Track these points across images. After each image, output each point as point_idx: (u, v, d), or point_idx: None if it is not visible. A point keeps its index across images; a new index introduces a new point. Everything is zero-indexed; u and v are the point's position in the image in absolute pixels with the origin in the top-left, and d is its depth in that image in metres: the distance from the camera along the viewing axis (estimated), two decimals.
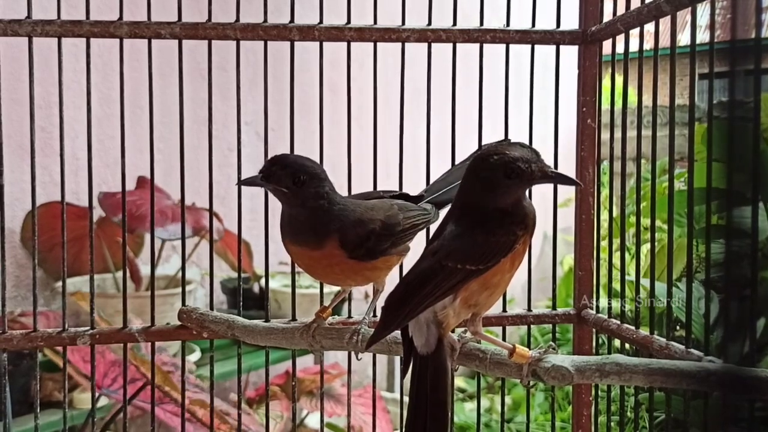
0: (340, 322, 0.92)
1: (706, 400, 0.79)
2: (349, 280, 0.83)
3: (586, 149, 1.03)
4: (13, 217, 1.71)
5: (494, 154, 0.70)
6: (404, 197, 0.89)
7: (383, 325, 0.69)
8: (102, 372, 1.40)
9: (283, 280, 2.10)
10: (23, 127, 0.92)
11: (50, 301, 1.85)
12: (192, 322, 0.93)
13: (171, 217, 1.62)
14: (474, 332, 0.74)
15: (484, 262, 0.68)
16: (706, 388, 0.64)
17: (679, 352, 0.79)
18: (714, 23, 0.76)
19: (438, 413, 0.68)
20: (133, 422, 1.78)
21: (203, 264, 2.14)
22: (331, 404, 1.80)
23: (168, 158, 1.07)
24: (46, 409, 1.50)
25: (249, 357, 1.85)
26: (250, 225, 1.06)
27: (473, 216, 0.71)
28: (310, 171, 0.78)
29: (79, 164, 1.76)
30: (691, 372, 0.64)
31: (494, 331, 1.12)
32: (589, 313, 1.01)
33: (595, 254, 1.03)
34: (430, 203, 0.88)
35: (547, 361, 0.69)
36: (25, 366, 1.51)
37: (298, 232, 0.79)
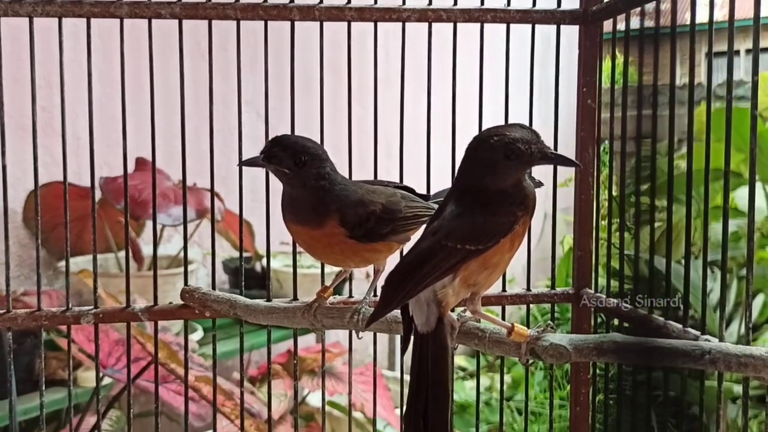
0: (341, 301, 0.93)
1: (702, 378, 0.80)
2: (349, 261, 0.84)
3: (586, 129, 1.03)
4: (14, 197, 1.72)
5: (494, 135, 0.70)
6: (410, 191, 0.89)
7: (383, 304, 0.70)
8: (106, 351, 1.42)
9: (285, 260, 2.11)
10: (24, 107, 0.93)
11: (53, 280, 1.86)
12: (194, 302, 0.93)
13: (173, 198, 1.63)
14: (473, 311, 0.75)
15: (484, 242, 0.69)
16: (701, 366, 0.64)
17: (677, 331, 0.80)
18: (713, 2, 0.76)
19: (439, 391, 0.69)
20: (137, 400, 1.80)
21: (205, 244, 2.15)
22: (332, 382, 1.82)
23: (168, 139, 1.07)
24: (50, 387, 1.52)
25: (251, 336, 1.87)
26: (252, 205, 1.07)
27: (473, 196, 0.71)
28: (311, 152, 0.78)
29: (80, 144, 1.76)
30: (686, 351, 0.64)
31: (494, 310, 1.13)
32: (587, 292, 1.02)
33: (594, 234, 1.03)
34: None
35: (545, 340, 0.69)
36: (29, 345, 1.52)
37: (299, 212, 0.80)
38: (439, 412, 0.69)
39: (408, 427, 0.70)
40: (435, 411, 0.69)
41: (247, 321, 0.92)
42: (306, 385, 1.86)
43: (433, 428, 0.68)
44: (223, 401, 1.28)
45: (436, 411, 0.69)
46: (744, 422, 0.73)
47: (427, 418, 0.69)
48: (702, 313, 0.79)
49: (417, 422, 0.69)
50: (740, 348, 0.63)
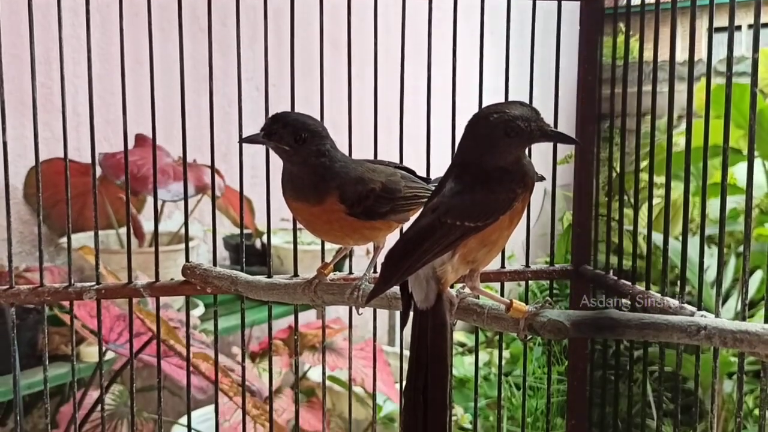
0: (342, 278, 0.93)
1: (698, 354, 0.81)
2: (348, 238, 0.84)
3: (587, 106, 1.03)
4: (15, 174, 1.72)
5: (494, 113, 0.70)
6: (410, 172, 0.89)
7: (383, 281, 0.70)
8: (108, 326, 1.43)
9: (285, 237, 2.12)
10: (23, 83, 0.92)
11: (54, 256, 1.87)
12: (196, 278, 0.94)
13: (172, 175, 1.63)
14: (472, 288, 0.75)
15: (483, 219, 0.69)
16: (697, 342, 0.65)
17: (673, 307, 0.80)
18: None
19: (438, 366, 0.70)
20: (139, 374, 1.81)
21: (206, 220, 2.15)
22: (332, 358, 1.83)
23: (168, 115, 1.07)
24: (53, 362, 1.53)
25: (252, 312, 1.88)
26: (252, 182, 1.07)
27: (473, 174, 0.71)
28: (311, 129, 0.78)
29: (80, 120, 1.75)
30: (682, 326, 0.65)
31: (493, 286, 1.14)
32: (586, 269, 1.03)
33: (593, 211, 1.03)
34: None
35: (543, 316, 0.70)
36: (31, 320, 1.53)
37: (298, 189, 0.80)
38: (438, 387, 0.70)
39: (408, 402, 0.71)
40: (434, 386, 0.70)
41: (248, 297, 0.93)
42: (307, 361, 1.87)
43: (433, 403, 0.69)
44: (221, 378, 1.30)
45: (435, 386, 0.70)
46: (739, 397, 0.74)
47: (427, 392, 0.70)
48: (698, 290, 0.80)
49: (416, 397, 0.70)
50: (736, 324, 0.64)
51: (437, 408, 0.69)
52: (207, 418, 1.95)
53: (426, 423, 0.69)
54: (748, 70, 0.72)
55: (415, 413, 0.70)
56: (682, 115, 0.81)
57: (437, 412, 0.69)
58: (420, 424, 0.69)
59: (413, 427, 0.70)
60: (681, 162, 0.81)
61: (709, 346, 0.68)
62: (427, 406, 0.69)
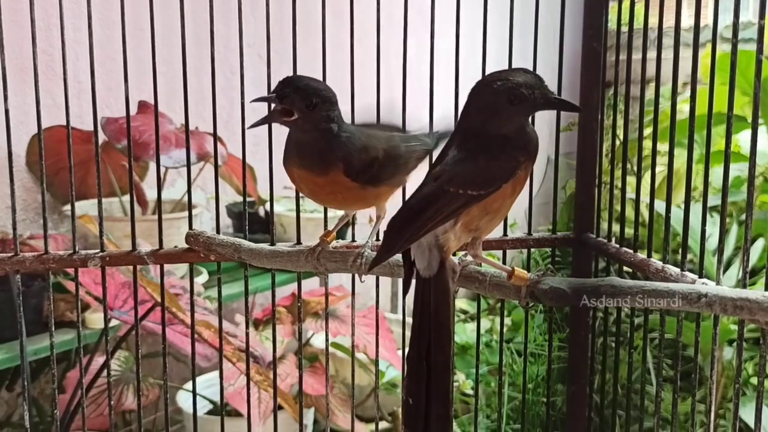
0: (345, 246, 0.94)
1: (698, 321, 0.81)
2: (352, 205, 0.85)
3: (591, 73, 1.02)
4: (17, 141, 1.71)
5: (497, 80, 0.70)
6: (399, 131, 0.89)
7: (385, 248, 0.71)
8: (112, 293, 1.44)
9: (288, 205, 2.12)
10: (24, 50, 0.92)
11: (58, 224, 1.87)
12: (199, 246, 0.94)
13: (174, 142, 1.62)
14: (474, 255, 0.76)
15: (486, 188, 0.69)
16: (698, 309, 0.65)
17: (674, 275, 0.80)
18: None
19: (440, 333, 0.71)
20: (144, 341, 1.83)
21: (208, 188, 2.15)
22: (335, 325, 1.84)
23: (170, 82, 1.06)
24: (58, 329, 1.55)
25: (255, 279, 1.89)
26: (254, 149, 1.07)
27: (476, 141, 0.71)
28: (322, 95, 0.78)
29: (81, 87, 1.75)
30: (683, 294, 0.65)
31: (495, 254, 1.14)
32: (588, 237, 1.03)
33: (596, 179, 1.03)
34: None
35: (544, 283, 0.70)
36: (36, 287, 1.54)
37: (303, 157, 0.80)
38: (440, 353, 0.70)
39: (410, 368, 0.72)
40: (437, 352, 0.70)
41: (252, 264, 0.94)
42: (310, 327, 1.89)
43: (436, 368, 0.70)
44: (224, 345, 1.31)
45: (438, 352, 0.70)
46: (738, 364, 0.75)
47: (430, 358, 0.70)
48: (700, 258, 0.80)
49: (419, 363, 0.71)
50: (736, 291, 0.64)
51: (440, 373, 0.70)
52: (212, 383, 1.98)
53: (429, 388, 0.70)
54: (754, 37, 0.71)
55: (418, 379, 0.71)
56: (686, 82, 0.80)
57: (440, 378, 0.70)
58: (423, 390, 0.70)
59: (416, 392, 0.71)
60: (685, 130, 0.81)
61: (710, 314, 0.69)
62: (430, 371, 0.70)
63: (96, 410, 1.60)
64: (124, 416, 1.94)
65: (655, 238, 0.88)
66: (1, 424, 1.75)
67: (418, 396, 0.70)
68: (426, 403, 0.70)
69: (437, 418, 0.70)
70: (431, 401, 0.70)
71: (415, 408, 0.71)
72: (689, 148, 0.79)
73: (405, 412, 0.72)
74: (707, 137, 0.77)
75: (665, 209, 0.85)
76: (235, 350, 1.26)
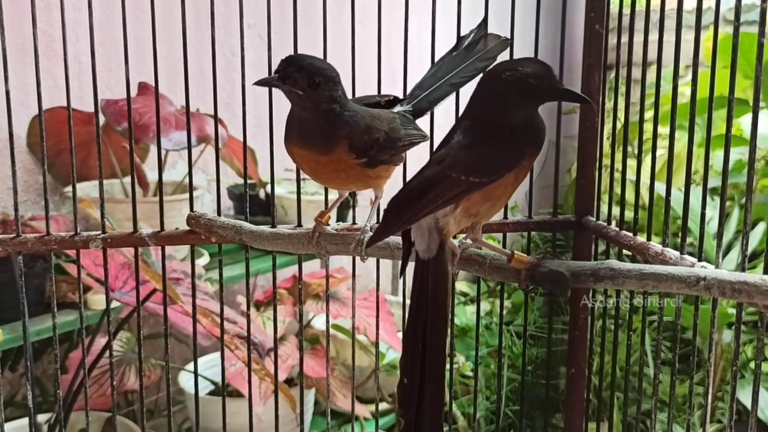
0: (345, 228, 0.94)
1: (697, 304, 0.81)
2: (352, 186, 0.85)
3: (593, 55, 1.02)
4: (18, 122, 1.71)
5: (506, 70, 0.70)
6: (396, 100, 0.89)
7: (384, 228, 0.71)
8: (113, 275, 1.44)
9: (289, 187, 2.12)
10: (24, 30, 0.92)
11: (59, 205, 1.88)
12: (200, 227, 0.95)
13: (174, 124, 1.62)
14: (474, 239, 0.76)
15: (488, 176, 0.69)
16: (696, 292, 0.66)
17: (674, 258, 0.81)
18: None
19: (437, 314, 0.71)
20: (145, 322, 1.84)
21: (209, 170, 2.15)
22: (336, 307, 1.85)
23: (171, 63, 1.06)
24: (60, 310, 1.55)
25: (256, 261, 1.89)
26: (255, 131, 1.07)
27: (482, 129, 0.71)
28: (325, 74, 0.77)
29: (82, 68, 1.74)
30: (681, 277, 0.66)
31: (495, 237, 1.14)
32: (589, 220, 1.03)
33: (597, 162, 1.03)
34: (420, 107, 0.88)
35: (544, 266, 0.71)
36: (38, 268, 1.55)
37: (306, 136, 0.80)
38: (436, 335, 0.71)
39: (406, 349, 0.72)
40: (432, 333, 0.71)
41: (253, 247, 0.94)
42: (311, 309, 1.89)
43: (430, 350, 0.71)
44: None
45: (433, 333, 0.71)
46: (736, 346, 0.75)
47: (426, 339, 0.71)
48: (699, 241, 0.80)
49: (415, 344, 0.71)
50: (735, 274, 0.64)
51: (435, 354, 0.71)
52: (213, 364, 1.99)
53: (424, 368, 0.71)
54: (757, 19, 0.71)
55: (413, 359, 0.71)
56: (688, 65, 0.80)
57: (435, 359, 0.71)
58: (418, 370, 0.71)
59: (411, 372, 0.71)
60: (686, 113, 0.81)
61: (709, 297, 0.69)
62: (425, 352, 0.71)
63: (98, 390, 1.61)
64: (126, 396, 1.96)
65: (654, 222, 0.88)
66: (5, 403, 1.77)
67: (413, 376, 0.71)
68: (420, 383, 0.71)
69: (430, 398, 0.71)
70: (425, 381, 0.71)
71: (410, 388, 0.71)
72: (690, 132, 0.79)
73: (399, 391, 0.72)
74: (708, 120, 0.77)
75: (665, 192, 0.85)
76: (233, 337, 1.27)
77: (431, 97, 0.89)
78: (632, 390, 1.37)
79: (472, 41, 0.88)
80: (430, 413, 0.71)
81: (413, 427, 0.71)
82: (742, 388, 1.83)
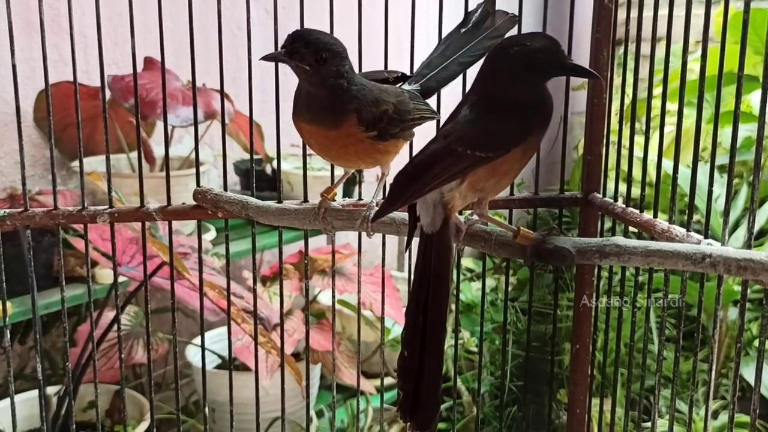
0: (351, 204, 0.94)
1: (702, 281, 0.82)
2: (360, 162, 0.85)
3: (602, 30, 1.01)
4: (24, 97, 1.71)
5: (514, 45, 0.69)
6: (404, 77, 0.89)
7: (389, 201, 0.71)
8: (120, 249, 1.45)
9: (295, 162, 2.12)
10: (30, 3, 0.91)
11: (66, 180, 1.88)
12: (207, 202, 0.95)
13: (181, 99, 1.62)
14: (480, 215, 0.76)
15: (494, 150, 0.69)
16: (702, 269, 0.66)
17: (680, 236, 0.81)
18: None
19: (438, 289, 0.71)
20: (153, 296, 1.85)
21: (216, 145, 2.15)
22: (342, 282, 1.86)
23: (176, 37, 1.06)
24: (68, 284, 1.57)
25: (263, 237, 1.90)
26: (261, 107, 1.06)
27: (489, 104, 0.71)
28: (332, 49, 0.77)
29: (88, 42, 1.73)
30: (687, 254, 0.66)
31: (501, 213, 1.14)
32: (595, 196, 1.03)
33: (605, 138, 1.03)
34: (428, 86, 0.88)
35: (549, 243, 0.71)
36: (46, 242, 1.56)
37: (314, 111, 0.79)
38: (437, 309, 0.71)
39: (408, 321, 0.73)
40: (434, 307, 0.71)
41: (259, 222, 0.94)
42: (317, 285, 1.90)
43: (431, 323, 0.71)
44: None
45: (434, 307, 0.71)
46: (741, 324, 0.75)
47: (427, 312, 0.71)
48: (706, 218, 0.80)
49: (416, 317, 0.72)
50: (740, 252, 0.64)
51: (435, 328, 0.71)
52: (220, 338, 2.01)
53: (424, 341, 0.71)
54: None
55: (414, 332, 0.72)
56: (698, 40, 0.79)
57: (435, 332, 0.71)
58: (418, 342, 0.71)
59: (412, 344, 0.72)
60: (695, 89, 0.80)
61: (714, 274, 0.69)
62: (426, 325, 0.71)
63: (107, 363, 1.63)
64: (134, 369, 1.98)
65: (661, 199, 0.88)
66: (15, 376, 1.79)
67: (413, 348, 0.72)
68: (420, 355, 0.71)
69: (429, 371, 0.71)
70: (425, 354, 0.71)
71: (410, 360, 0.72)
72: (699, 108, 0.79)
73: (400, 363, 0.73)
74: (717, 97, 0.77)
75: (672, 169, 0.85)
76: (240, 311, 1.28)
77: (439, 77, 0.88)
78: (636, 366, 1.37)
79: (479, 19, 0.88)
80: (428, 386, 0.72)
81: (412, 399, 0.72)
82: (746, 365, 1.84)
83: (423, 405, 0.72)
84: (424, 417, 0.72)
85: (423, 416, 0.72)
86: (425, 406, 0.72)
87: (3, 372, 1.72)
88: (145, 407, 1.63)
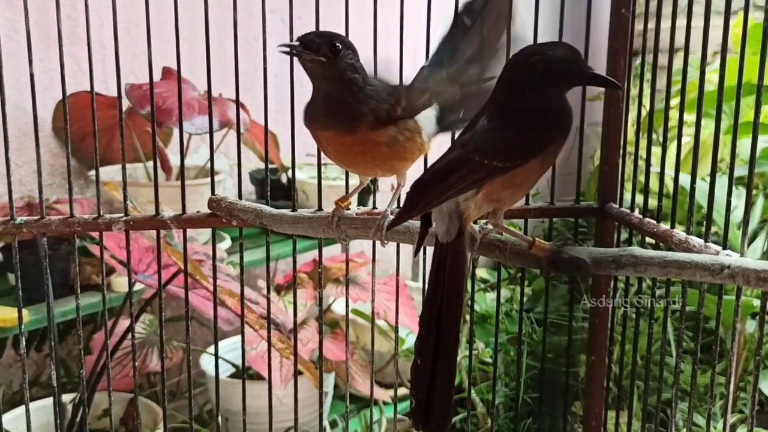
0: (366, 212, 0.94)
1: (720, 293, 0.81)
2: (378, 169, 0.84)
3: (619, 40, 1.01)
4: (43, 106, 1.73)
5: (535, 54, 0.69)
6: None
7: (405, 209, 0.71)
8: (136, 258, 1.46)
9: (310, 172, 2.12)
10: (48, 14, 0.92)
11: (83, 189, 1.90)
12: (221, 211, 0.95)
13: (197, 109, 1.63)
14: (495, 225, 0.76)
15: (512, 161, 0.68)
16: (720, 281, 0.65)
17: (698, 246, 0.80)
18: None
19: (452, 298, 0.71)
20: (168, 305, 1.86)
21: (231, 155, 2.16)
22: (356, 291, 1.86)
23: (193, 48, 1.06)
24: (84, 292, 1.57)
25: (277, 246, 1.90)
26: (276, 116, 1.07)
27: (508, 113, 0.70)
28: (344, 40, 0.79)
29: (106, 53, 1.75)
30: (705, 265, 0.65)
31: (517, 223, 1.14)
32: (612, 207, 1.02)
33: (621, 149, 1.02)
34: None
35: (565, 253, 0.70)
36: (63, 251, 1.57)
37: (331, 116, 0.80)
38: (450, 318, 0.71)
39: (421, 330, 0.73)
40: (447, 316, 0.71)
41: (274, 231, 0.94)
42: (331, 294, 1.90)
43: (444, 332, 0.71)
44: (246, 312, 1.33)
45: (448, 316, 0.71)
46: (760, 336, 0.74)
47: (440, 322, 0.71)
48: (724, 230, 0.79)
49: (430, 326, 0.72)
50: (760, 263, 0.63)
51: (448, 337, 0.71)
52: (234, 347, 2.01)
53: (437, 350, 0.71)
54: None
55: (427, 341, 0.72)
56: (716, 51, 0.79)
57: (448, 341, 0.71)
58: (431, 351, 0.71)
59: (425, 353, 0.72)
60: (713, 100, 0.80)
61: (732, 286, 0.68)
62: (440, 334, 0.71)
63: (121, 371, 1.63)
64: (148, 378, 1.99)
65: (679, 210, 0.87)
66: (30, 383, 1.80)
67: (426, 357, 0.72)
68: (432, 364, 0.71)
69: (441, 380, 0.71)
70: (437, 363, 0.71)
71: (422, 368, 0.72)
72: (717, 119, 0.78)
73: (413, 371, 0.73)
74: (736, 108, 0.76)
75: (690, 180, 0.84)
76: (258, 318, 1.28)
77: None
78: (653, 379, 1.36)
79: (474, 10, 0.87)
80: (440, 394, 0.71)
81: (424, 407, 0.72)
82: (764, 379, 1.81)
83: (435, 413, 0.72)
84: (436, 425, 0.72)
85: (435, 424, 0.72)
86: (437, 414, 0.72)
87: (18, 379, 1.73)
88: (158, 416, 1.64)
